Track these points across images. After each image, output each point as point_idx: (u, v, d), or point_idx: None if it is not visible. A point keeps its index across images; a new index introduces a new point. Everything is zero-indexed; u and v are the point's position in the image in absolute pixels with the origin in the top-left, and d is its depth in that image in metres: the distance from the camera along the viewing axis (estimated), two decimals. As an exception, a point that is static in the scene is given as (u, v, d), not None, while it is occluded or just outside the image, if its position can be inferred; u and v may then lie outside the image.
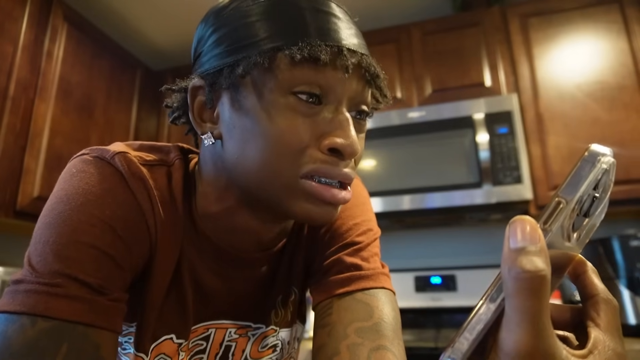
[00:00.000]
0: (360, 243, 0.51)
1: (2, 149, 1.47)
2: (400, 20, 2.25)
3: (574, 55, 1.77)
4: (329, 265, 0.50)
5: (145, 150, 0.49)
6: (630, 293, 1.49)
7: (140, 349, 0.46)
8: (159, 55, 2.51)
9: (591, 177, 0.26)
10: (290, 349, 0.55)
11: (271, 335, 0.53)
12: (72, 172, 0.43)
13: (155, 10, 2.17)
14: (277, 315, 0.53)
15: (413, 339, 1.45)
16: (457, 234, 2.06)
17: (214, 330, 0.51)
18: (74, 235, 0.39)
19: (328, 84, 0.41)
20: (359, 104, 0.44)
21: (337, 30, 0.42)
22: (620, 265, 1.53)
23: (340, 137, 0.40)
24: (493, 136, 1.70)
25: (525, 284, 0.21)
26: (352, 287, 0.48)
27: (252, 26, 0.42)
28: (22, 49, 1.58)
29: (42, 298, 0.36)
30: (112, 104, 2.01)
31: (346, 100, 0.42)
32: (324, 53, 0.39)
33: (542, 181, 1.68)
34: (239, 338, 0.52)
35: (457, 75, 1.89)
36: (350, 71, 0.41)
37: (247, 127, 0.41)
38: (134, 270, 0.44)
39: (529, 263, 0.21)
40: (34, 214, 1.58)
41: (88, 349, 0.37)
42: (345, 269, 0.49)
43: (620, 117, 1.66)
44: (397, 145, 1.79)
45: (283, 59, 0.40)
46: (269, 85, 0.41)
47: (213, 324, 0.51)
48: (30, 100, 1.60)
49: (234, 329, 0.52)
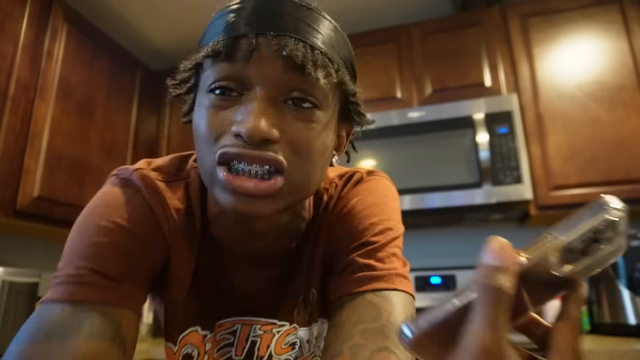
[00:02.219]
0: (375, 243, 0.50)
1: (2, 149, 1.47)
2: (400, 20, 2.25)
3: (574, 55, 1.77)
4: (344, 266, 0.51)
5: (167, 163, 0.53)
6: (630, 293, 1.49)
7: (169, 339, 0.53)
8: (159, 55, 2.51)
9: (589, 223, 0.26)
10: (312, 347, 0.56)
11: (292, 334, 0.55)
12: (100, 191, 0.51)
13: (155, 11, 2.17)
14: (299, 314, 0.55)
15: (413, 339, 1.45)
16: (457, 234, 2.06)
17: (240, 325, 0.54)
18: (96, 237, 0.45)
19: (243, 75, 0.42)
20: (290, 91, 0.42)
21: (254, 21, 0.42)
22: (620, 265, 1.53)
23: (242, 121, 0.40)
24: (493, 136, 1.70)
25: (488, 294, 0.24)
26: (363, 288, 0.47)
27: (204, 37, 0.47)
28: (22, 49, 1.58)
29: (68, 287, 0.43)
30: (112, 104, 2.01)
31: (269, 88, 0.41)
32: (222, 46, 0.41)
33: (542, 181, 1.68)
34: (264, 334, 0.54)
35: (457, 75, 1.89)
36: (248, 59, 0.41)
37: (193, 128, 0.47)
38: (152, 267, 0.49)
39: (495, 279, 0.24)
40: (34, 214, 1.58)
41: (108, 327, 0.42)
42: (358, 269, 0.49)
43: (620, 117, 1.66)
44: (397, 145, 1.80)
45: (206, 62, 0.44)
46: (201, 88, 0.45)
47: (239, 320, 0.54)
48: (30, 100, 1.60)
49: (259, 326, 0.54)
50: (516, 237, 1.99)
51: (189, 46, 0.62)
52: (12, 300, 1.45)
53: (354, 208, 0.53)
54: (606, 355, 1.23)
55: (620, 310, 1.51)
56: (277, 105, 0.42)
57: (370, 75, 2.01)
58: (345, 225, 0.52)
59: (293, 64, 0.41)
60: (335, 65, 0.44)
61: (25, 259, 1.88)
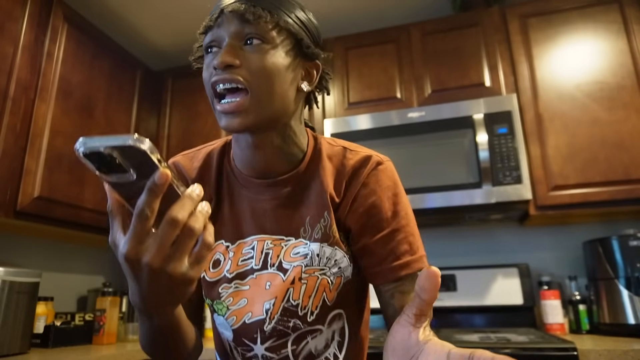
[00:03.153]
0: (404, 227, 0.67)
1: (3, 149, 1.48)
2: (400, 20, 2.26)
3: (574, 55, 1.77)
4: (387, 252, 0.65)
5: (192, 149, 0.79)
6: (630, 293, 1.49)
7: None
8: (159, 55, 2.51)
9: (118, 140, 0.37)
10: (322, 263, 0.66)
11: (302, 246, 0.66)
12: None
13: (155, 11, 2.18)
14: (305, 231, 0.67)
15: (413, 339, 1.45)
16: (457, 234, 2.06)
17: (256, 242, 0.68)
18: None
19: (218, 36, 0.62)
20: (245, 37, 0.61)
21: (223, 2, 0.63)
22: (619, 265, 1.54)
23: (215, 59, 0.59)
24: (493, 136, 1.70)
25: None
26: (406, 272, 0.64)
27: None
28: (23, 50, 1.58)
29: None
30: (112, 104, 2.01)
31: (232, 39, 0.61)
32: (207, 21, 0.63)
33: (542, 181, 1.68)
34: (275, 247, 0.67)
35: (456, 76, 1.90)
36: (220, 21, 0.61)
37: None
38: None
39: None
40: (35, 214, 1.58)
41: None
42: (401, 255, 0.65)
43: (619, 117, 1.66)
44: (397, 145, 1.80)
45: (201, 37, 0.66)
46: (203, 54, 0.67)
47: (255, 238, 0.68)
48: (31, 100, 1.60)
49: (270, 240, 0.68)
50: (516, 237, 1.99)
51: (189, 46, 0.71)
52: (12, 300, 1.45)
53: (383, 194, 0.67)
54: (606, 355, 1.23)
55: (620, 310, 1.51)
56: (239, 48, 0.60)
57: (370, 75, 2.01)
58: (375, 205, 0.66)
59: (243, 19, 0.60)
60: (276, 16, 0.61)
61: (25, 259, 1.89)
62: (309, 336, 0.67)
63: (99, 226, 1.85)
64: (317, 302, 0.66)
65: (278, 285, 0.65)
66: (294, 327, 0.66)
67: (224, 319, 0.68)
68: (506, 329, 1.74)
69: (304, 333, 0.67)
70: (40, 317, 1.69)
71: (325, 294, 0.66)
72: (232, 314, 0.67)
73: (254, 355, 0.67)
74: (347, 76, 2.05)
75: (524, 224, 1.95)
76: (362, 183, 0.67)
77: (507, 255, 1.97)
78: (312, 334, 0.67)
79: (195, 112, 2.25)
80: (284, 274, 0.66)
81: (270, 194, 0.69)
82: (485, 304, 1.84)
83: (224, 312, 0.68)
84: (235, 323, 0.67)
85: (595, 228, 1.87)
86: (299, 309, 0.65)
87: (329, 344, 0.68)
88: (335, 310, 0.68)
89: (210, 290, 0.69)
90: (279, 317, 0.65)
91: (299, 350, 0.67)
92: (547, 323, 1.71)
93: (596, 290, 1.63)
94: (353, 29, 2.32)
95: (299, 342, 0.67)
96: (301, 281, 0.65)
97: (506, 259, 1.96)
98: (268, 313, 0.65)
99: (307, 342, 0.67)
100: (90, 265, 2.25)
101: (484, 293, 1.85)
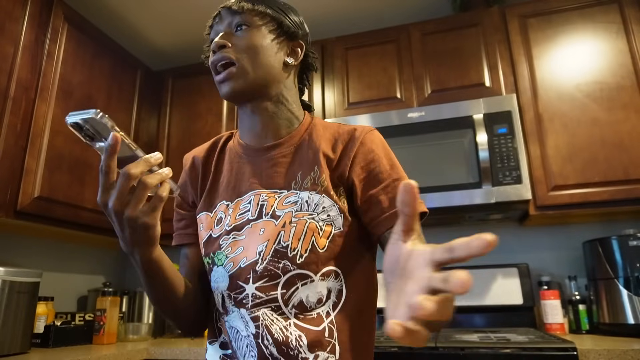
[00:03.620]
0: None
1: (3, 149, 1.48)
2: (400, 20, 2.26)
3: (573, 55, 1.78)
4: (388, 200, 0.71)
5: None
6: (629, 293, 1.50)
7: (208, 209, 0.80)
8: (159, 55, 2.51)
9: (89, 114, 0.52)
10: (310, 209, 0.72)
11: (293, 196, 0.73)
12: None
13: (155, 11, 2.18)
14: (295, 183, 0.74)
15: (413, 339, 1.45)
16: (457, 234, 2.06)
17: (253, 196, 0.76)
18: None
19: (216, 31, 0.79)
20: (235, 25, 0.77)
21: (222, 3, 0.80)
22: (619, 264, 1.54)
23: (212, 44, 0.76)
24: (492, 136, 1.71)
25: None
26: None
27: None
28: (23, 50, 1.59)
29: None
30: (112, 104, 2.01)
31: (225, 28, 0.77)
32: (209, 22, 0.81)
33: (542, 181, 1.68)
34: (269, 199, 0.74)
35: (456, 76, 1.90)
36: (217, 20, 0.79)
37: None
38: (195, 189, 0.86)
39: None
40: (35, 214, 1.58)
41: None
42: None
43: (619, 117, 1.66)
44: (397, 145, 1.80)
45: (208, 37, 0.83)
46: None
47: (252, 193, 0.76)
48: (31, 100, 1.60)
49: (265, 193, 0.75)
50: (515, 237, 1.99)
51: (189, 46, 0.81)
52: (12, 300, 1.45)
53: (380, 151, 0.75)
54: (605, 355, 1.23)
55: (620, 310, 1.51)
56: (231, 34, 0.76)
57: (370, 76, 2.01)
58: (373, 163, 0.74)
59: (233, 12, 0.77)
60: (257, 5, 0.77)
61: (25, 258, 1.89)
62: (298, 282, 0.69)
63: (99, 226, 1.85)
64: (307, 246, 0.70)
65: (270, 229, 0.71)
66: (283, 269, 0.69)
67: (223, 267, 0.74)
68: (506, 329, 1.74)
69: (293, 277, 0.69)
70: (41, 317, 1.69)
71: (314, 239, 0.70)
72: (230, 261, 0.73)
73: (245, 295, 0.70)
74: (347, 76, 2.05)
75: (523, 224, 1.95)
76: (360, 142, 0.75)
77: (507, 255, 1.97)
78: (302, 280, 0.69)
79: (195, 112, 2.25)
80: (276, 220, 0.72)
81: (267, 156, 0.78)
82: (485, 304, 1.84)
83: (223, 261, 0.74)
84: (232, 268, 0.72)
85: (595, 228, 1.87)
86: (288, 250, 0.69)
87: (323, 300, 0.69)
88: (329, 265, 0.71)
89: (214, 244, 0.76)
90: (270, 258, 0.70)
91: (289, 296, 0.69)
92: (546, 323, 1.71)
93: (596, 290, 1.63)
94: (353, 29, 2.32)
95: (289, 286, 0.69)
96: (291, 224, 0.70)
97: (506, 259, 1.96)
98: (261, 255, 0.70)
99: (297, 288, 0.69)
100: (91, 265, 2.25)
101: (483, 293, 1.85)
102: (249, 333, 0.70)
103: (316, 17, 2.25)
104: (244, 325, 0.70)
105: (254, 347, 0.69)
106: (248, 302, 0.70)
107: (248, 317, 0.70)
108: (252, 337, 0.69)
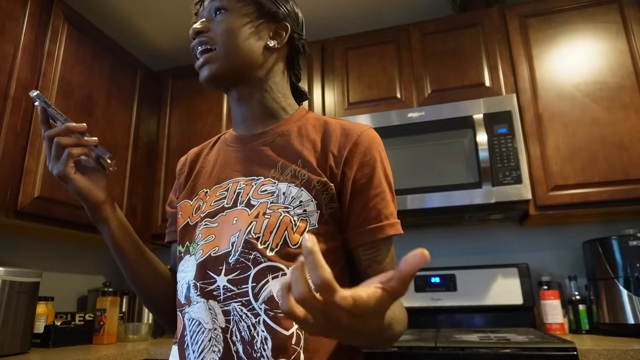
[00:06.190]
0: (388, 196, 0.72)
1: (3, 149, 1.48)
2: (399, 20, 2.26)
3: (573, 55, 1.78)
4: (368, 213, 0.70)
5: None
6: (629, 293, 1.50)
7: (189, 197, 0.80)
8: (159, 55, 2.51)
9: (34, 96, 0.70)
10: (286, 202, 0.69)
11: (270, 185, 0.71)
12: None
13: (155, 11, 2.18)
14: (275, 172, 0.72)
15: (413, 339, 1.45)
16: (457, 234, 2.06)
17: (231, 184, 0.75)
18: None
19: (199, 16, 0.80)
20: (214, 11, 0.77)
21: None
22: (619, 265, 1.54)
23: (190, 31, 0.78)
24: (492, 136, 1.71)
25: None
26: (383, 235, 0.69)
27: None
28: (23, 49, 1.59)
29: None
30: (112, 104, 2.01)
31: (207, 15, 0.78)
32: (194, 9, 0.82)
33: (542, 181, 1.68)
34: (246, 186, 0.73)
35: (456, 76, 1.90)
36: (200, 6, 0.80)
37: None
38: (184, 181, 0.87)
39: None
40: (35, 214, 1.58)
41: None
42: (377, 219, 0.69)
43: (619, 117, 1.66)
44: (397, 145, 1.80)
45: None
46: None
47: (230, 181, 0.76)
48: (31, 100, 1.60)
49: (243, 181, 0.74)
50: (516, 237, 1.99)
51: (189, 46, 0.77)
52: (12, 300, 1.45)
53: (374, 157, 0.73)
54: (605, 355, 1.23)
55: (620, 310, 1.51)
56: (210, 20, 0.77)
57: (370, 76, 2.01)
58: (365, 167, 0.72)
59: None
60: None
61: (25, 259, 1.89)
62: (269, 274, 0.66)
63: (99, 226, 1.85)
64: (278, 240, 0.67)
65: (244, 219, 0.70)
66: (254, 260, 0.67)
67: (193, 255, 0.73)
68: (506, 329, 1.74)
69: (264, 269, 0.66)
70: (41, 317, 1.69)
71: (287, 234, 0.68)
72: (200, 249, 0.72)
73: (215, 287, 0.68)
74: (347, 76, 2.05)
75: (523, 224, 1.95)
76: (355, 141, 0.73)
77: (507, 255, 1.97)
78: (273, 273, 0.66)
79: (195, 112, 2.25)
80: (250, 209, 0.70)
81: (250, 145, 0.78)
82: (485, 303, 1.84)
83: (194, 249, 0.73)
84: (201, 257, 0.71)
85: (595, 228, 1.87)
86: (259, 242, 0.67)
87: None
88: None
89: (191, 232, 0.75)
90: (242, 249, 0.68)
91: (259, 289, 0.66)
92: (546, 323, 1.71)
93: (596, 290, 1.63)
94: (353, 29, 2.32)
95: (259, 279, 0.66)
96: (265, 216, 0.69)
97: (506, 259, 1.96)
98: (233, 246, 0.68)
99: (268, 282, 0.66)
100: (90, 265, 2.25)
101: (483, 293, 1.85)
102: (216, 326, 0.66)
103: (316, 17, 2.25)
104: (211, 318, 0.67)
105: (219, 342, 0.66)
106: (220, 295, 0.67)
107: (219, 310, 0.67)
108: (219, 330, 0.66)
